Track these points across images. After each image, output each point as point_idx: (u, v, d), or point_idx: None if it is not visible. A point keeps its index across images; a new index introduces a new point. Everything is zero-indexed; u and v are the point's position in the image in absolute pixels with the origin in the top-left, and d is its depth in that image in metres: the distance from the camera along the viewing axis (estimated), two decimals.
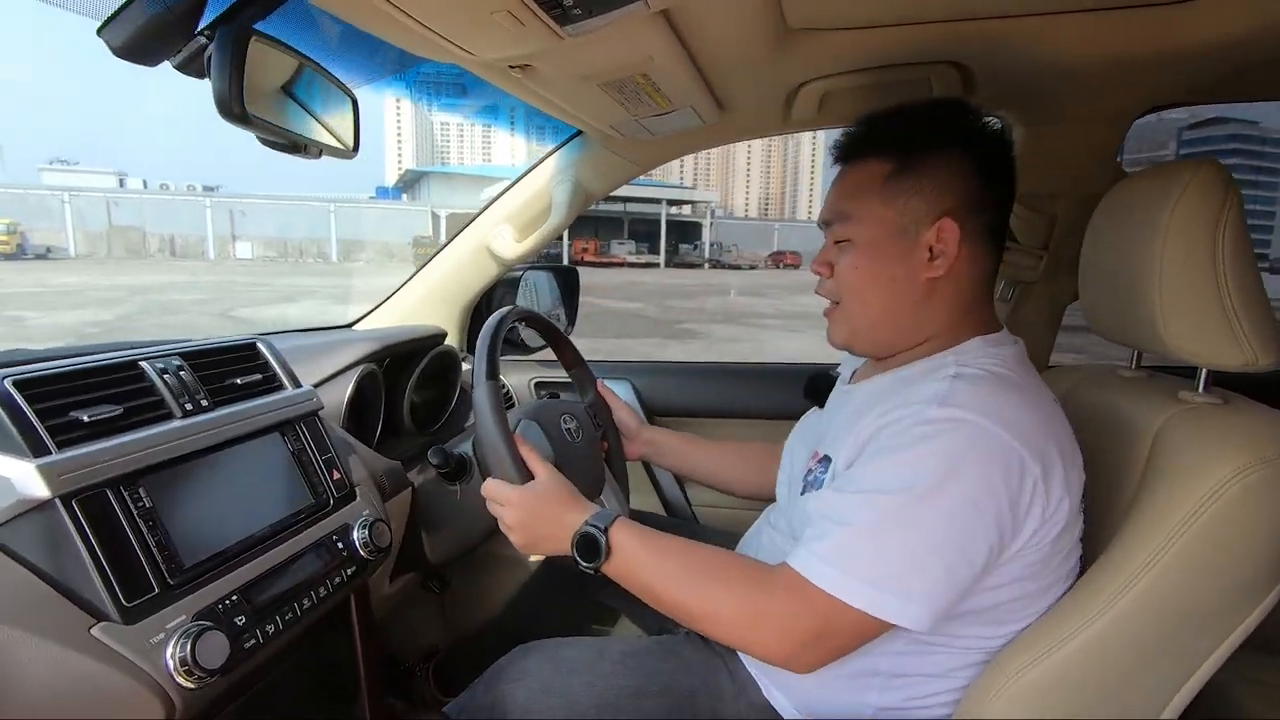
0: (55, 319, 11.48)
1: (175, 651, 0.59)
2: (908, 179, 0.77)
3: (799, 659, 0.69)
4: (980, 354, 0.76)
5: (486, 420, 0.81)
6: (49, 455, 0.58)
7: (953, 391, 0.69)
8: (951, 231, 0.75)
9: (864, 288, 0.80)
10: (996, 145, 0.79)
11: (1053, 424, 0.72)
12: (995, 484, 0.65)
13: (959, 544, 0.65)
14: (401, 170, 62.61)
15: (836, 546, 0.67)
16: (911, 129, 0.79)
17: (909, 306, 0.79)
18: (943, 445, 0.66)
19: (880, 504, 0.67)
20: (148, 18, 0.55)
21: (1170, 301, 0.73)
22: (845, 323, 0.84)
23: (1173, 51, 0.89)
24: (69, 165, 59.53)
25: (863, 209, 0.79)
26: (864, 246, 0.79)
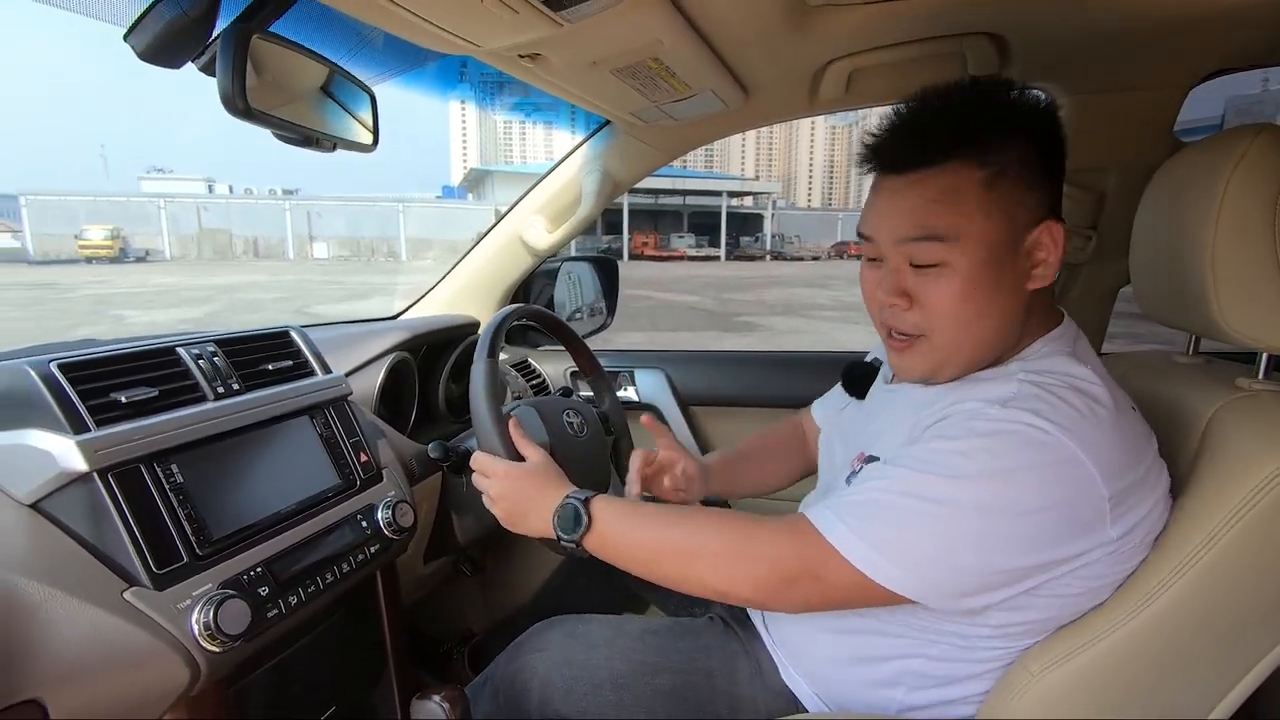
0: (152, 316, 12.37)
1: (200, 617, 0.63)
2: (1006, 184, 0.64)
3: (778, 593, 0.67)
4: (1049, 359, 0.68)
5: (478, 395, 0.84)
6: (88, 432, 0.63)
7: (1020, 394, 0.63)
8: (1057, 234, 0.66)
9: (970, 317, 0.66)
10: (1055, 122, 0.69)
11: (1137, 445, 0.64)
12: (1050, 497, 0.59)
13: (988, 545, 0.60)
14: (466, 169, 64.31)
15: (852, 505, 0.65)
16: (993, 118, 0.66)
17: (1013, 323, 0.68)
18: (999, 443, 0.60)
19: (913, 480, 0.62)
20: (167, 22, 0.59)
21: (1225, 281, 0.67)
22: (932, 355, 0.70)
23: (1243, 5, 0.82)
24: (164, 173, 63.79)
25: (965, 225, 0.64)
26: (968, 271, 0.65)
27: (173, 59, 0.62)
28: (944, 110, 0.67)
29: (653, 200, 42.93)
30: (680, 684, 0.84)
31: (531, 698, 0.84)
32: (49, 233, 31.60)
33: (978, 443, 0.61)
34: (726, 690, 0.85)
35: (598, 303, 1.67)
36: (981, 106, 0.66)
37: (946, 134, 0.65)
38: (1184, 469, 0.71)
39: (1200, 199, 0.68)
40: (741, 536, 0.69)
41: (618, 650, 0.86)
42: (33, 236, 31.81)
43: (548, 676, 0.84)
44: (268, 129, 0.65)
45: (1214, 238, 0.67)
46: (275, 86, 0.67)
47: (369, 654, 0.93)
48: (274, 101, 0.67)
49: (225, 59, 0.56)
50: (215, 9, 0.60)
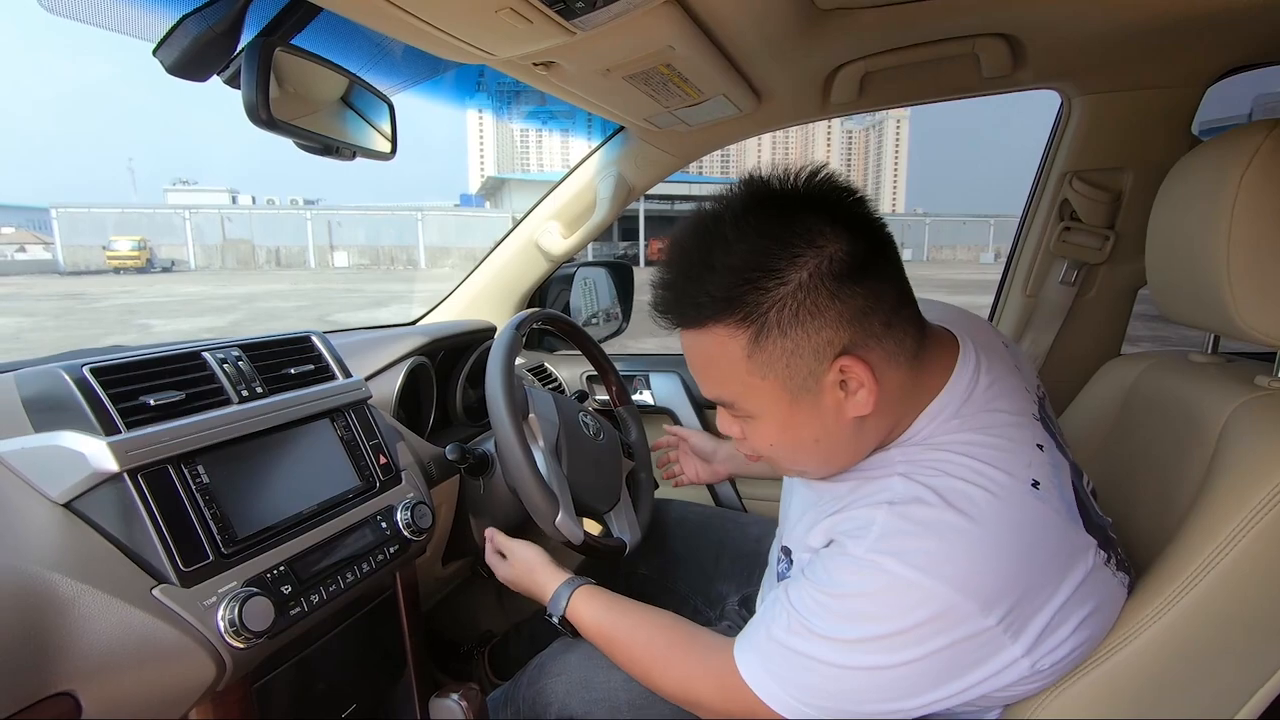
0: (176, 325, 12.62)
1: (225, 614, 0.65)
2: (771, 341, 0.59)
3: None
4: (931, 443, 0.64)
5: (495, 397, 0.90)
6: (119, 434, 0.65)
7: (885, 532, 0.59)
8: (859, 371, 0.59)
9: (796, 448, 0.66)
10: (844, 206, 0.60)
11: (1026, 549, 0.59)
12: (928, 644, 0.58)
13: (888, 693, 0.61)
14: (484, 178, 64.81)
15: (771, 647, 0.65)
16: (737, 278, 0.58)
17: (845, 446, 0.65)
18: (868, 604, 0.59)
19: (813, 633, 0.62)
20: (194, 37, 0.61)
21: (1241, 278, 0.66)
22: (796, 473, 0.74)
23: (1258, 3, 0.81)
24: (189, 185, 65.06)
25: (740, 389, 0.63)
26: (767, 419, 0.64)
27: (199, 72, 0.65)
28: (689, 269, 0.61)
29: (669, 206, 42.95)
30: None
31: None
32: (78, 244, 32.37)
33: (848, 605, 0.60)
34: None
35: (613, 308, 1.68)
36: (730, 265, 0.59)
37: (693, 291, 0.60)
38: (1202, 468, 0.70)
39: (1215, 196, 0.68)
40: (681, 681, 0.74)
41: None
42: (63, 248, 32.58)
43: (566, 701, 0.85)
44: (290, 138, 0.67)
45: (1229, 235, 0.66)
46: (297, 97, 0.69)
47: (388, 653, 0.95)
48: (296, 112, 0.69)
49: (250, 71, 0.58)
50: (240, 24, 0.62)
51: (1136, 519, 0.83)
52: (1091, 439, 0.98)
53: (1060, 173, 1.18)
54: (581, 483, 1.00)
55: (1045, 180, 1.23)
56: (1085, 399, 1.02)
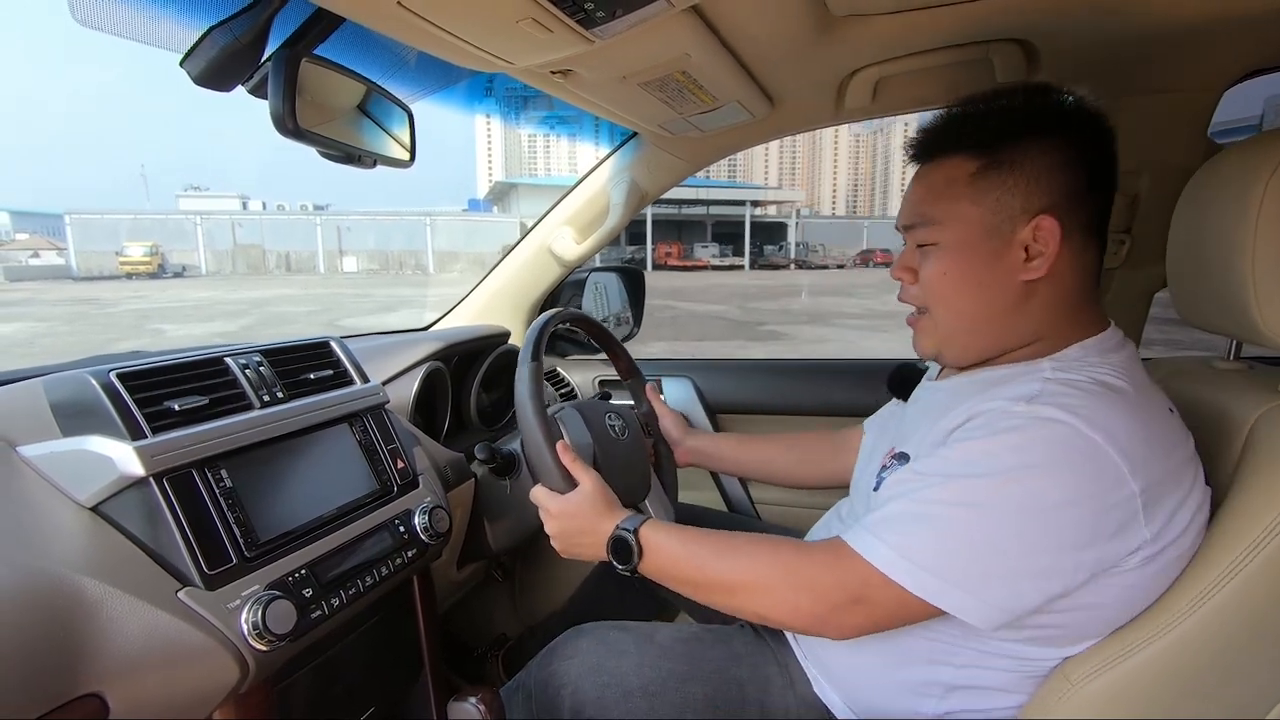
0: (188, 330, 12.74)
1: (249, 616, 0.66)
2: (997, 174, 0.70)
3: (828, 622, 0.68)
4: (1084, 361, 0.70)
5: (523, 398, 0.86)
6: (145, 439, 0.66)
7: (1045, 391, 0.64)
8: (1051, 229, 0.68)
9: (953, 294, 0.73)
10: (1096, 131, 0.72)
11: (1167, 440, 0.64)
12: (1081, 490, 0.59)
13: (1025, 544, 0.60)
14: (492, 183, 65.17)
15: (887, 520, 0.65)
16: (997, 119, 0.71)
17: (1004, 312, 0.72)
18: (1025, 439, 0.61)
19: (943, 486, 0.63)
20: (220, 48, 0.62)
21: (1266, 284, 0.66)
22: (933, 332, 0.78)
23: (1276, 7, 0.81)
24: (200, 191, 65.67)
25: (948, 210, 0.72)
26: (951, 249, 0.72)
27: (225, 82, 0.66)
28: (959, 112, 0.74)
29: (676, 210, 43.04)
30: (711, 693, 0.85)
31: (563, 704, 0.85)
32: (92, 249, 32.72)
33: (1002, 439, 0.62)
34: (757, 699, 0.85)
35: (624, 312, 1.68)
36: (996, 108, 0.72)
37: (952, 132, 0.74)
38: (1227, 474, 0.70)
39: (1239, 202, 0.68)
40: (784, 568, 0.70)
41: (648, 658, 0.87)
42: (76, 253, 32.96)
43: (579, 684, 0.85)
44: (314, 147, 0.68)
45: (1254, 241, 0.66)
46: (319, 106, 0.70)
47: (406, 656, 0.95)
48: (318, 121, 0.70)
49: (277, 82, 0.59)
50: (265, 35, 0.63)
51: None
52: None
53: None
54: (620, 487, 1.00)
55: None
56: None
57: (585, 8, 0.60)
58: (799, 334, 11.80)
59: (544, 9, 0.59)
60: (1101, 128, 0.72)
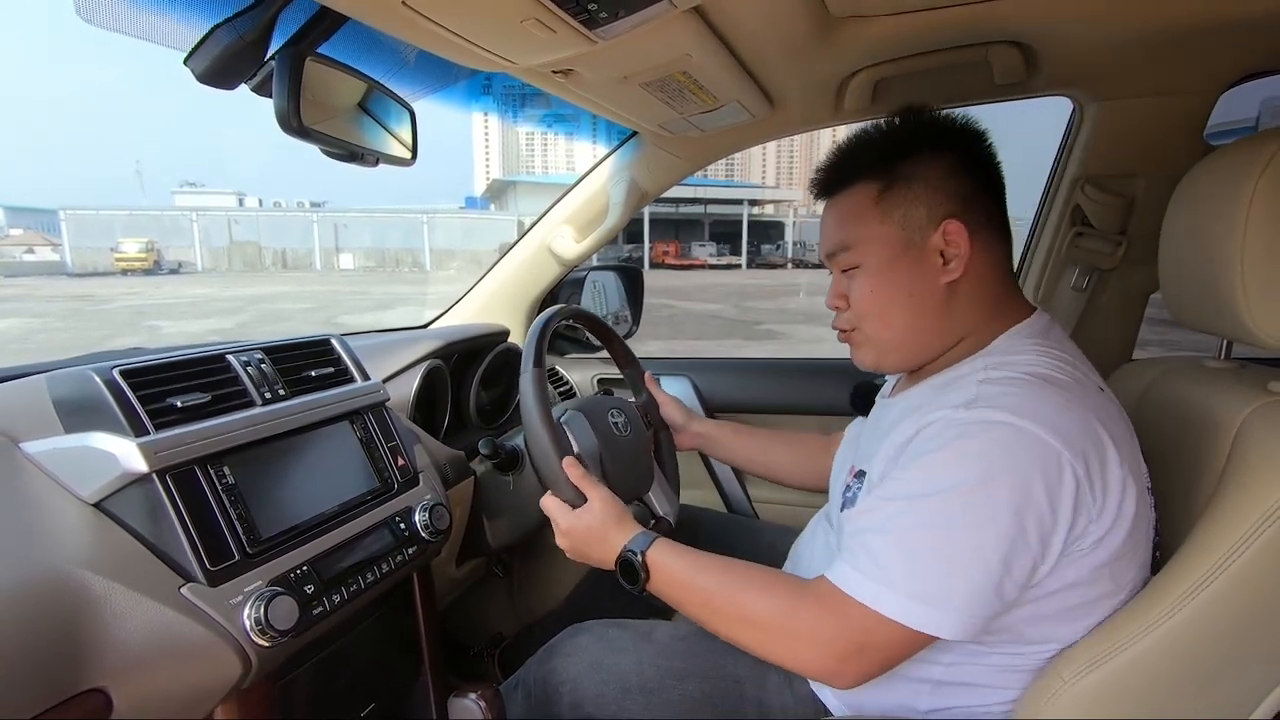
0: (183, 327, 12.69)
1: (251, 612, 0.66)
2: (898, 191, 0.76)
3: (840, 674, 0.67)
4: (1012, 350, 0.73)
5: (529, 402, 0.87)
6: (148, 435, 0.67)
7: (981, 395, 0.67)
8: (958, 231, 0.73)
9: (883, 308, 0.78)
10: (974, 137, 0.78)
11: (1096, 416, 0.67)
12: (1034, 484, 0.62)
13: (1000, 549, 0.62)
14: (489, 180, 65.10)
15: (871, 555, 0.66)
16: (887, 141, 0.78)
17: (933, 316, 0.77)
18: (974, 446, 0.64)
19: (913, 509, 0.65)
20: (224, 46, 0.62)
21: (1255, 284, 0.67)
22: (870, 345, 0.82)
23: (1272, 10, 0.82)
24: (196, 187, 65.36)
25: (861, 232, 0.78)
26: (873, 268, 0.77)
27: (228, 81, 0.66)
28: (853, 143, 0.81)
29: (674, 209, 43.00)
30: (709, 690, 0.85)
31: (562, 702, 0.86)
32: (87, 246, 32.54)
33: (953, 450, 0.65)
34: (755, 696, 0.86)
35: (622, 311, 1.68)
36: (882, 137, 0.79)
37: (849, 162, 0.80)
38: (1217, 472, 0.70)
39: (1229, 202, 0.69)
40: (784, 614, 0.70)
41: (647, 656, 0.87)
42: (71, 250, 32.78)
43: (578, 681, 0.86)
44: (318, 145, 0.68)
45: (1243, 241, 0.67)
46: (322, 105, 0.71)
47: (406, 653, 0.96)
48: (321, 119, 0.70)
49: (281, 80, 0.60)
50: (270, 33, 0.64)
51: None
52: None
53: (1072, 178, 1.19)
54: (625, 484, 1.01)
55: (1057, 186, 1.23)
56: None
57: (589, 8, 0.61)
58: (795, 333, 11.81)
59: (548, 9, 0.60)
60: (977, 134, 0.78)
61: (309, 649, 0.77)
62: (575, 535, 0.86)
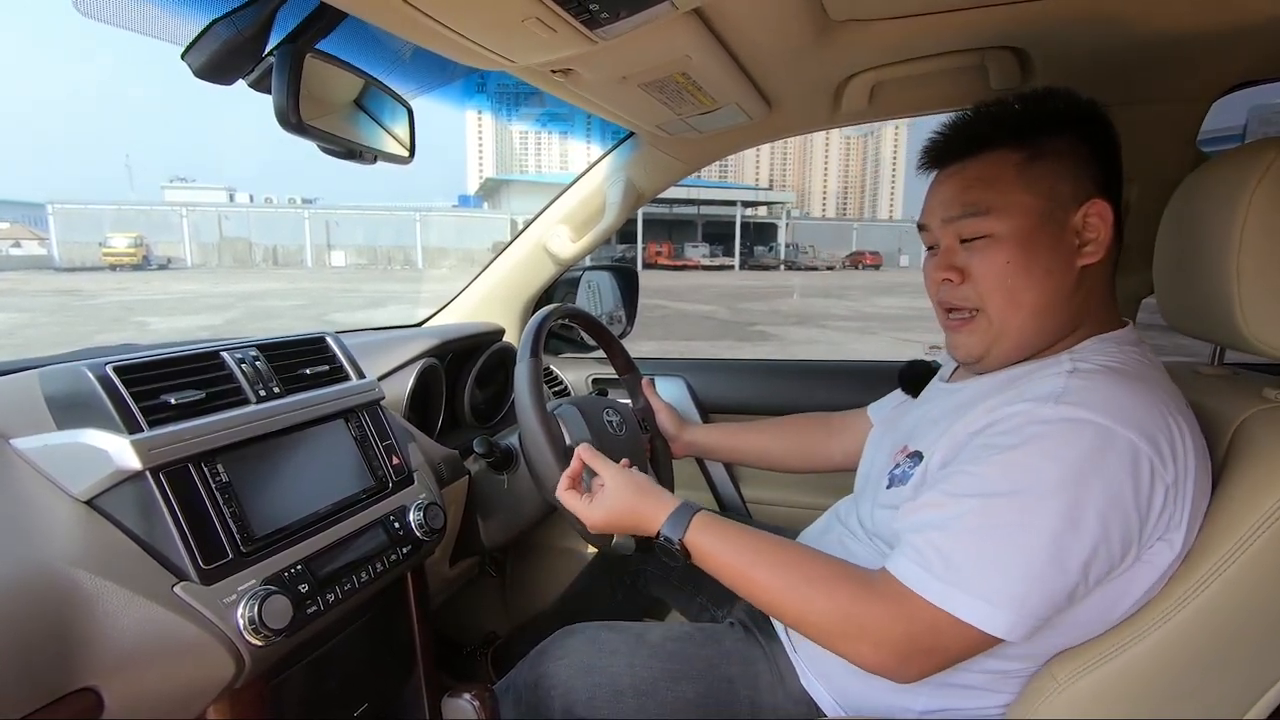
0: (172, 323, 12.59)
1: (245, 611, 0.65)
2: (1045, 163, 0.71)
3: (903, 673, 0.65)
4: (1099, 351, 0.71)
5: (523, 394, 0.87)
6: (141, 432, 0.66)
7: (1069, 389, 0.64)
8: (1103, 212, 0.70)
9: (1018, 285, 0.71)
10: (1110, 129, 0.75)
11: (1187, 430, 0.65)
12: (1123, 489, 0.60)
13: (1080, 555, 0.60)
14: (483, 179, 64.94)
15: (942, 554, 0.62)
16: (1036, 113, 0.73)
17: (1063, 300, 0.72)
18: (1060, 447, 0.61)
19: (989, 509, 0.62)
20: (222, 41, 0.62)
21: (1250, 292, 0.68)
22: (987, 330, 0.74)
23: (1266, 18, 0.83)
24: (186, 182, 64.85)
25: (1003, 197, 0.71)
26: (1010, 239, 0.71)
27: (226, 76, 0.66)
28: (990, 111, 0.75)
29: (667, 210, 43.04)
30: (702, 691, 0.85)
31: (554, 705, 0.86)
32: (74, 240, 32.24)
33: (1035, 448, 0.62)
34: (748, 697, 0.86)
35: (617, 311, 1.68)
36: (1025, 107, 0.74)
37: (987, 127, 0.74)
38: (1212, 478, 0.71)
39: (1225, 210, 0.69)
40: (849, 614, 0.66)
41: (639, 658, 0.87)
42: (59, 244, 32.46)
43: (570, 684, 0.86)
44: (316, 142, 0.68)
45: (1239, 249, 0.67)
46: (320, 102, 0.70)
47: (399, 653, 0.95)
48: (318, 115, 0.70)
49: (281, 76, 0.59)
50: (268, 29, 0.63)
51: None
52: None
53: None
54: None
55: None
56: None
57: (590, 8, 0.61)
58: (788, 335, 11.84)
59: (549, 8, 0.60)
60: (1112, 126, 0.75)
61: (302, 648, 0.77)
62: (605, 523, 0.81)
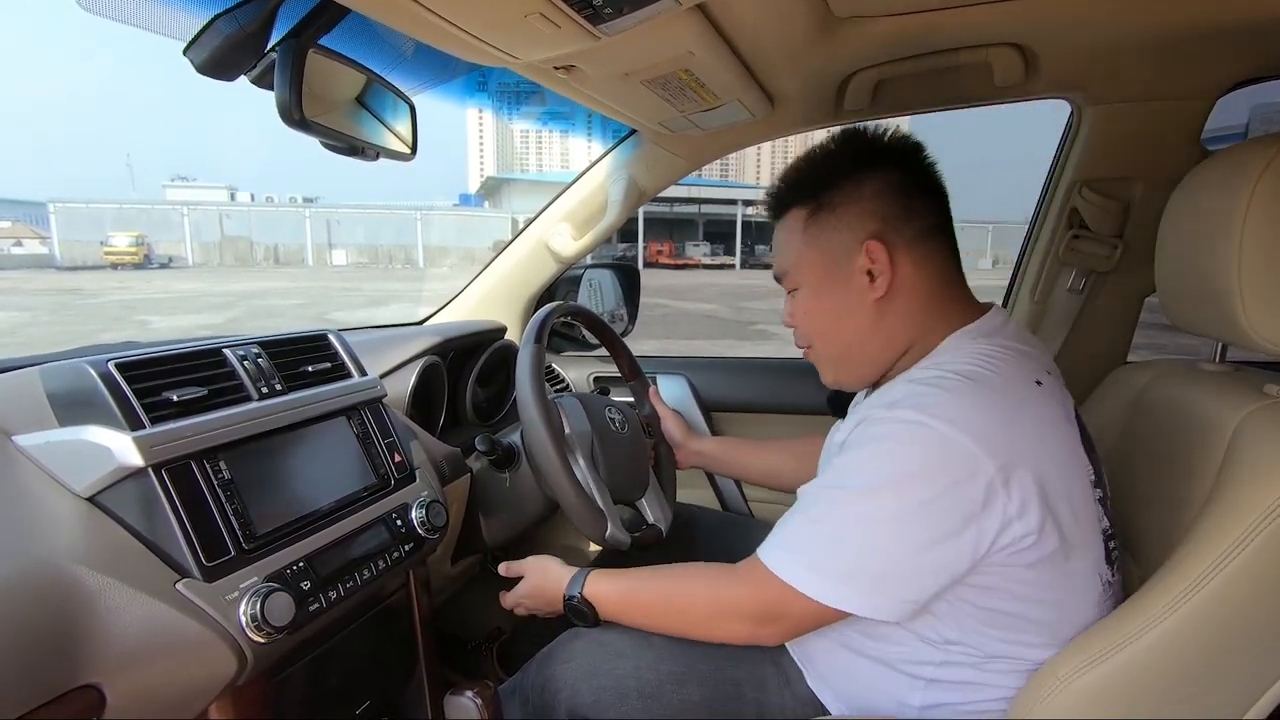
0: (174, 322, 12.59)
1: (247, 609, 0.65)
2: (823, 216, 0.81)
3: (759, 635, 0.76)
4: (956, 351, 0.76)
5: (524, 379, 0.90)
6: (144, 429, 0.66)
7: (906, 395, 0.71)
8: (879, 251, 0.77)
9: (821, 327, 0.85)
10: (904, 152, 0.81)
11: (1020, 413, 0.69)
12: (943, 482, 0.65)
13: (908, 544, 0.67)
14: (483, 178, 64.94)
15: (793, 534, 0.73)
16: (816, 170, 0.83)
17: (867, 331, 0.81)
18: (890, 445, 0.68)
19: (830, 499, 0.71)
20: (224, 37, 0.61)
21: (1251, 288, 0.68)
22: (824, 363, 0.88)
23: (1270, 16, 0.82)
24: (188, 181, 64.86)
25: (795, 258, 0.84)
26: (808, 290, 0.84)
27: (228, 72, 0.65)
28: (789, 171, 0.86)
29: (668, 208, 42.99)
30: (708, 694, 0.85)
31: (560, 708, 0.86)
32: (75, 239, 32.24)
33: (873, 448, 0.70)
34: (754, 699, 0.86)
35: (618, 309, 1.68)
36: (816, 161, 0.84)
37: (784, 189, 0.86)
38: (1212, 473, 0.71)
39: (1226, 207, 0.69)
40: (713, 594, 0.79)
41: (645, 660, 0.87)
42: (60, 243, 32.47)
43: (575, 687, 0.85)
44: (319, 138, 0.68)
45: (1240, 245, 0.67)
46: (322, 98, 0.70)
47: (401, 650, 0.95)
48: (320, 112, 0.70)
49: (284, 72, 0.59)
50: (270, 24, 0.63)
51: (1145, 524, 0.84)
52: (1099, 446, 0.99)
53: (1070, 181, 1.20)
54: (617, 480, 1.01)
55: (1054, 188, 1.24)
56: (1093, 406, 1.03)
57: (593, 4, 0.60)
58: (789, 334, 11.81)
59: (552, 4, 0.59)
60: (908, 148, 0.82)
61: (304, 646, 0.77)
62: (528, 604, 0.95)
